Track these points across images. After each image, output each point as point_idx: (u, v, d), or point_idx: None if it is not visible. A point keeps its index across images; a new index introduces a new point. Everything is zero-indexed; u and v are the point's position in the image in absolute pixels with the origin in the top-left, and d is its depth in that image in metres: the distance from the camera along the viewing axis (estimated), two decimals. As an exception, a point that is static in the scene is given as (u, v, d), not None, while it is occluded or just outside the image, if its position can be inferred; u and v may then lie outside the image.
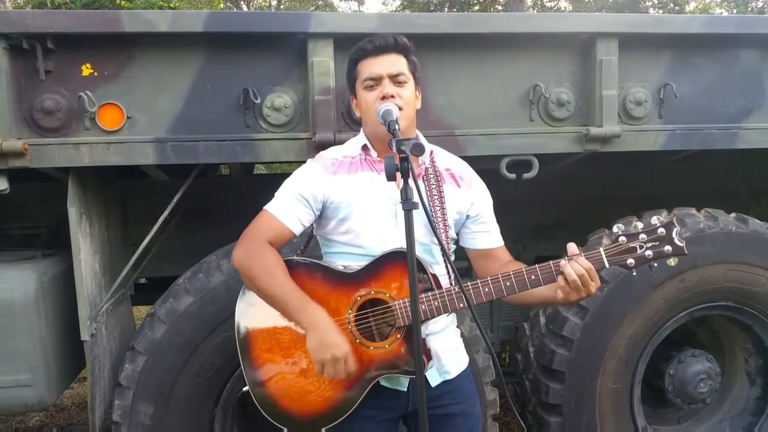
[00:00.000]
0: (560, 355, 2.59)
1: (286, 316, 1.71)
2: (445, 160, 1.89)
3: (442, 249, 1.56)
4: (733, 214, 2.74)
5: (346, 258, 1.78)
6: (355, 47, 1.80)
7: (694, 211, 2.68)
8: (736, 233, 2.66)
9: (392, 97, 1.70)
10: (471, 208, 1.85)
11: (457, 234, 1.89)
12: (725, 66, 2.50)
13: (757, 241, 2.68)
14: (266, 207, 1.78)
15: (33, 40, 2.03)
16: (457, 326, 1.95)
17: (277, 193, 1.80)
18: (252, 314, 1.80)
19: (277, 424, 1.83)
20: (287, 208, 1.75)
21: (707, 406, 2.96)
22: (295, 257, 1.79)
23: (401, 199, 1.48)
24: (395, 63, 1.74)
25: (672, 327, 2.74)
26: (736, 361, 3.04)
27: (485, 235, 1.87)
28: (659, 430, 2.92)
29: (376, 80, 1.73)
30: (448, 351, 1.84)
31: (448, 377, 1.82)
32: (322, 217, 1.80)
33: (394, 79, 1.73)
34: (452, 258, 1.77)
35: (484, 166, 1.97)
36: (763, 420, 2.94)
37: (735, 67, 2.50)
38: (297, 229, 1.76)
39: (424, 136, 1.89)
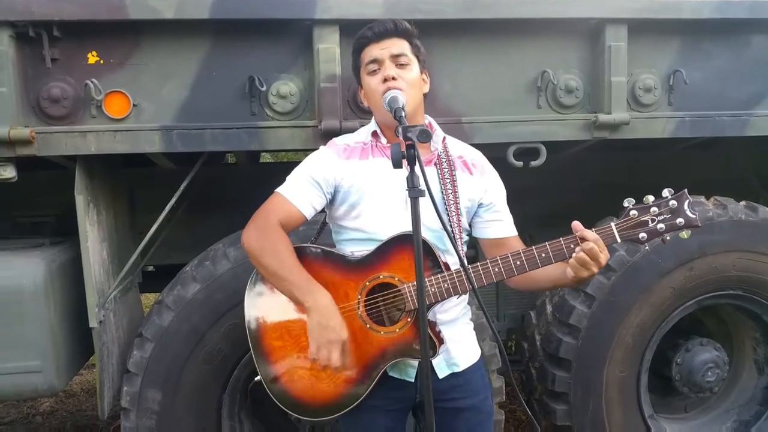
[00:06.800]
0: (567, 344, 2.59)
1: (291, 297, 1.71)
2: (458, 147, 1.88)
3: (449, 234, 1.55)
4: (742, 202, 2.71)
5: (356, 244, 1.77)
6: (356, 36, 1.80)
7: (703, 199, 2.66)
8: (745, 221, 2.64)
9: (393, 78, 1.69)
10: (484, 195, 1.83)
11: (470, 224, 1.87)
12: (736, 52, 2.46)
13: (767, 230, 2.66)
14: (278, 189, 1.78)
15: (39, 27, 2.03)
16: (471, 319, 1.93)
17: (289, 177, 1.80)
18: (261, 304, 1.80)
19: (290, 413, 1.84)
20: (299, 191, 1.75)
21: (714, 395, 2.96)
22: (304, 245, 1.79)
23: (407, 187, 1.48)
24: (397, 45, 1.73)
25: (680, 315, 2.73)
26: (744, 350, 3.02)
27: (497, 224, 1.85)
28: (666, 418, 2.92)
29: (379, 63, 1.73)
30: (458, 343, 1.83)
31: (457, 369, 1.81)
32: (333, 201, 1.80)
33: (396, 60, 1.72)
34: (462, 249, 1.76)
35: (491, 154, 1.96)
36: (771, 409, 2.93)
37: (746, 53, 2.46)
38: (308, 213, 1.76)
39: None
